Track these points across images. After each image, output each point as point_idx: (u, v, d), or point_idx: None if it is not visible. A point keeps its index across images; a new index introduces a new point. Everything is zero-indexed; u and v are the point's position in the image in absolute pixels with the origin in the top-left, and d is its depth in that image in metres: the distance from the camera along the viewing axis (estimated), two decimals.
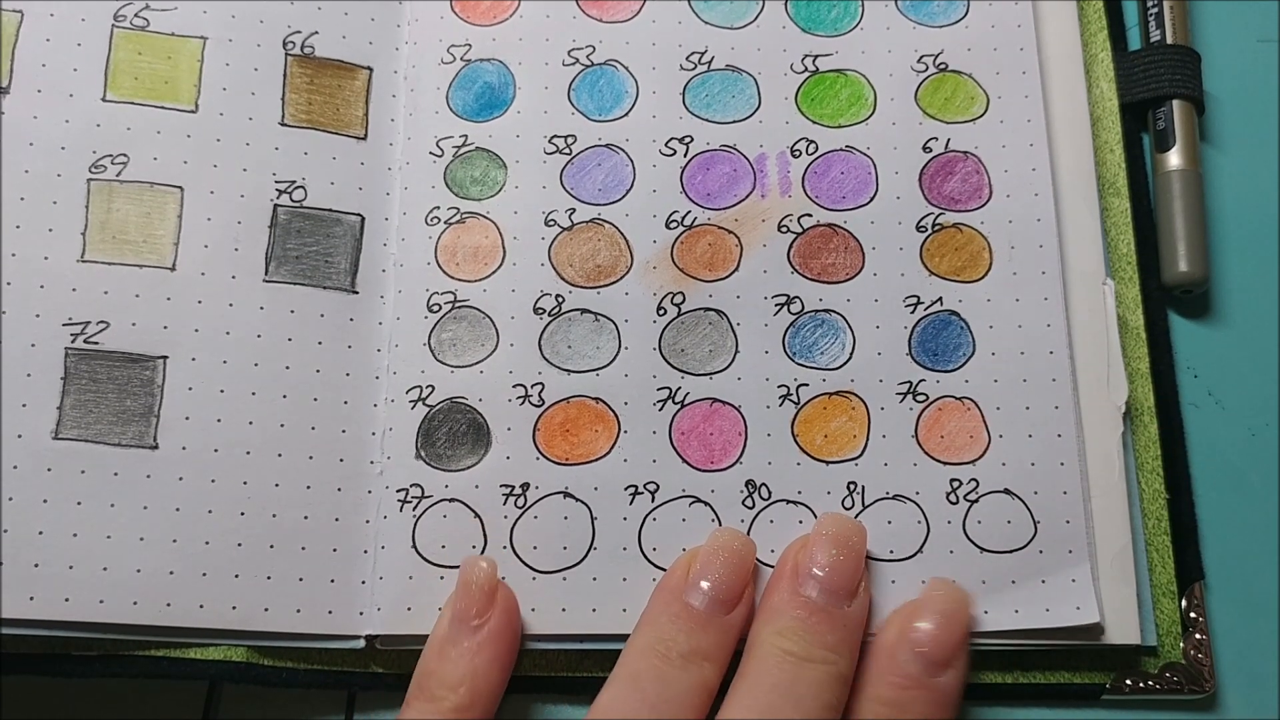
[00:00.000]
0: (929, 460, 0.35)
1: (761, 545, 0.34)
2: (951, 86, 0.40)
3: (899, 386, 0.36)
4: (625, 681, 0.31)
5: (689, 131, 0.39)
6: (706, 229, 0.38)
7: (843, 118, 0.39)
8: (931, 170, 0.39)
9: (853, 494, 0.35)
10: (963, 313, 0.37)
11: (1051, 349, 0.36)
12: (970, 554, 0.34)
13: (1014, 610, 0.33)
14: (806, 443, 0.36)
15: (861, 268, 0.37)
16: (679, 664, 0.31)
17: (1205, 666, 0.35)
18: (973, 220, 0.38)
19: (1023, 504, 0.35)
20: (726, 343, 0.37)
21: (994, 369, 0.36)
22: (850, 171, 0.39)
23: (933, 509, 0.35)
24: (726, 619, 0.32)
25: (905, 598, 0.33)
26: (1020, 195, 0.38)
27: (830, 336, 0.37)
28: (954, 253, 0.38)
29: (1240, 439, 0.38)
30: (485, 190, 0.39)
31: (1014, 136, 0.39)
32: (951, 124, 0.39)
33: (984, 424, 0.36)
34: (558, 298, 0.37)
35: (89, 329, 0.35)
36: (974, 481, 0.35)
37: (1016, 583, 0.34)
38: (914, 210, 0.38)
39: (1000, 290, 0.37)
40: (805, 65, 0.40)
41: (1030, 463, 0.35)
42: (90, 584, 0.33)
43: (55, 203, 0.36)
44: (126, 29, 0.38)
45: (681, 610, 0.32)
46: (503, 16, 0.41)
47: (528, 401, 0.36)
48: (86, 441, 0.34)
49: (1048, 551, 0.34)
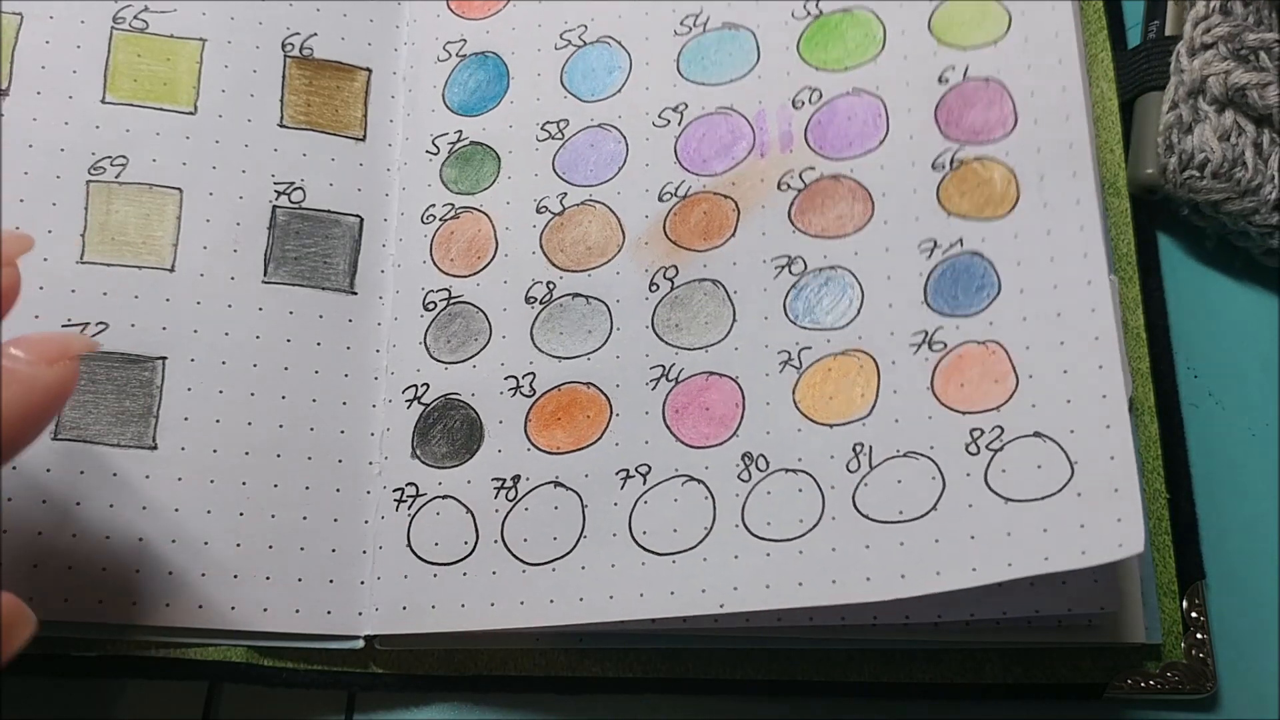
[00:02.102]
0: (946, 411, 0.33)
1: (758, 517, 0.33)
2: (970, 7, 0.37)
3: (913, 338, 0.34)
4: None
5: (683, 99, 0.38)
6: (701, 197, 0.37)
7: (849, 60, 0.38)
8: (949, 103, 0.36)
9: (858, 455, 0.33)
10: (986, 252, 0.34)
11: (1090, 278, 0.33)
12: (992, 506, 0.31)
13: (1044, 558, 0.30)
14: (808, 408, 0.34)
15: (870, 217, 0.36)
16: None
17: (1206, 666, 0.35)
18: (996, 153, 0.35)
19: (1057, 445, 0.32)
20: (723, 313, 0.36)
21: (1023, 307, 0.33)
22: (857, 116, 0.37)
23: (949, 463, 0.32)
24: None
25: (915, 562, 0.31)
26: (1049, 120, 0.35)
27: (836, 294, 0.35)
28: (975, 189, 0.35)
29: (1240, 439, 0.38)
30: (479, 183, 0.39)
31: (1040, 55, 0.36)
32: (970, 50, 0.37)
33: (1011, 366, 0.33)
34: (549, 285, 0.37)
35: (88, 330, 0.35)
36: (998, 429, 0.32)
37: (1049, 530, 0.31)
38: (929, 148, 0.36)
39: (1029, 225, 0.34)
40: (807, 10, 0.38)
41: (1066, 400, 0.32)
42: (89, 584, 0.33)
43: (54, 204, 0.36)
44: (126, 31, 0.38)
45: None
46: (497, 9, 0.41)
47: (519, 393, 0.36)
48: (86, 442, 0.34)
49: (1088, 493, 0.31)
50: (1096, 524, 0.30)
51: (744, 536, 0.33)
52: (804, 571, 0.32)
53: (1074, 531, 0.30)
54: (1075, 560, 0.30)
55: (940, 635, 0.34)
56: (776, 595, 0.32)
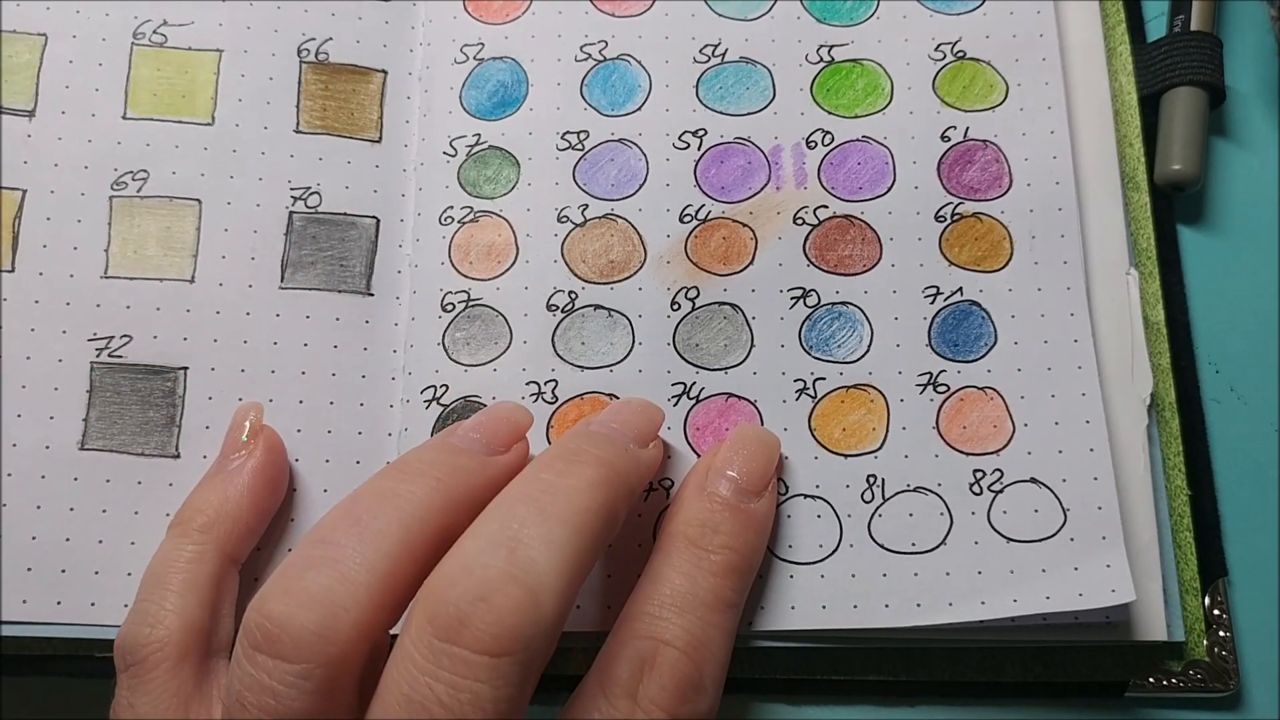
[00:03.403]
0: (951, 451, 0.35)
1: (780, 540, 0.34)
2: (970, 74, 0.39)
3: (919, 378, 0.36)
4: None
5: (702, 125, 0.39)
6: (721, 222, 0.38)
7: (859, 108, 0.39)
8: (950, 159, 0.38)
9: (872, 487, 0.35)
10: (984, 303, 0.36)
11: (1076, 337, 0.36)
12: (996, 544, 0.34)
13: (1045, 597, 0.33)
14: (824, 436, 0.35)
15: (879, 259, 0.37)
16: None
17: (1229, 664, 0.34)
18: (993, 210, 0.37)
19: (1050, 492, 0.34)
20: (741, 337, 0.37)
21: (1017, 358, 0.36)
22: (867, 162, 0.38)
23: (955, 500, 0.34)
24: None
25: (929, 592, 0.33)
26: (1041, 184, 0.38)
27: (848, 329, 0.36)
28: (974, 242, 0.37)
29: (1263, 434, 0.37)
30: (498, 188, 0.39)
31: (1034, 124, 0.38)
32: (970, 112, 0.39)
33: (1008, 413, 0.35)
34: (571, 294, 0.37)
35: (113, 343, 0.36)
36: (998, 472, 0.34)
37: (1047, 571, 0.33)
38: (933, 200, 0.38)
39: (1022, 280, 0.37)
40: (820, 55, 0.40)
41: (1058, 450, 0.34)
42: (115, 589, 0.34)
43: (79, 221, 0.37)
44: (145, 46, 0.39)
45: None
46: (515, 14, 0.41)
47: (541, 399, 0.36)
48: (111, 451, 0.35)
49: (1080, 539, 0.33)
50: (1088, 569, 0.33)
51: (767, 557, 0.34)
52: (827, 595, 0.34)
53: (1069, 574, 0.33)
54: (1073, 602, 0.33)
55: (959, 634, 0.34)
56: (801, 616, 0.33)
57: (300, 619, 0.26)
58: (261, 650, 0.26)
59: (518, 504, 0.28)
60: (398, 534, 0.28)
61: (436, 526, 0.28)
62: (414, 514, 0.28)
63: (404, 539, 0.28)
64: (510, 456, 0.32)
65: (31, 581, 0.34)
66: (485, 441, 0.31)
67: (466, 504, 0.29)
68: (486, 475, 0.30)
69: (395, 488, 0.29)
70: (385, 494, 0.29)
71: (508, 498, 0.28)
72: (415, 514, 0.28)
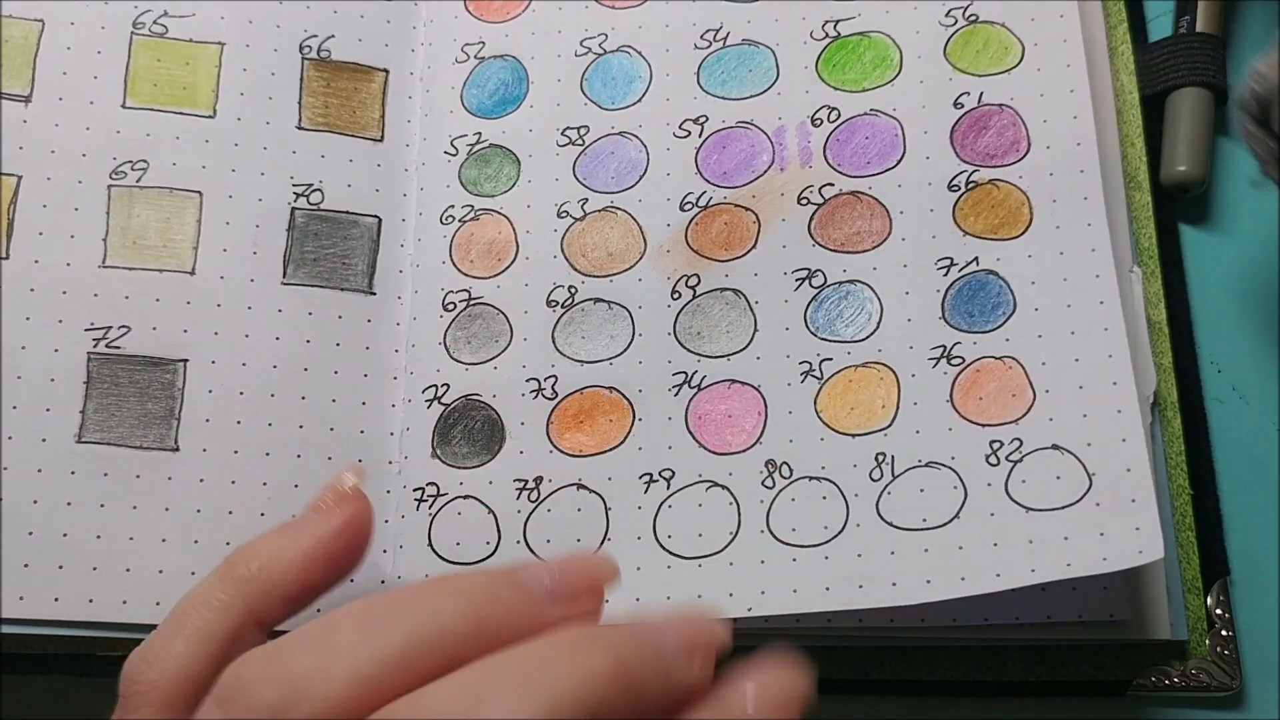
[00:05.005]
0: (966, 424, 0.34)
1: (783, 523, 0.33)
2: (983, 38, 0.38)
3: (931, 352, 0.35)
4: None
5: (704, 111, 0.39)
6: (722, 208, 0.37)
7: (866, 81, 0.38)
8: (964, 126, 0.37)
9: (881, 464, 0.34)
10: (1001, 271, 0.35)
11: (1102, 299, 0.34)
12: (1014, 514, 0.32)
13: (1066, 564, 0.31)
14: (830, 417, 0.35)
15: (889, 233, 0.36)
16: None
17: (1231, 663, 0.34)
18: (1009, 175, 0.36)
19: (1075, 458, 0.33)
20: (744, 322, 0.36)
21: (1038, 325, 0.34)
22: (875, 135, 0.38)
23: (970, 473, 0.33)
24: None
25: (940, 568, 0.32)
26: (1061, 145, 0.36)
27: (855, 307, 0.36)
28: (990, 210, 0.36)
29: (1265, 433, 0.37)
30: (499, 186, 0.39)
31: (1052, 84, 0.37)
32: (984, 77, 0.38)
33: (1028, 381, 0.34)
34: (570, 289, 0.37)
35: (111, 334, 0.35)
36: (1017, 441, 0.33)
37: (1070, 538, 0.31)
38: (945, 170, 0.37)
39: (1042, 246, 0.35)
40: (826, 31, 0.39)
41: (1082, 414, 0.33)
42: (113, 585, 0.33)
43: (77, 209, 0.36)
44: (145, 36, 0.39)
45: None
46: (515, 13, 0.41)
47: (541, 395, 0.36)
48: (109, 444, 0.34)
49: (1105, 503, 0.32)
50: (1116, 532, 0.31)
51: (769, 542, 0.33)
52: (831, 576, 0.33)
53: (1094, 540, 0.31)
54: (1096, 566, 0.31)
55: (962, 633, 0.33)
56: (804, 599, 0.33)
57: (261, 690, 0.25)
58: (220, 705, 0.26)
59: (504, 666, 0.26)
60: (400, 644, 0.27)
61: (450, 652, 0.27)
62: (429, 630, 0.27)
63: (405, 651, 0.27)
64: (571, 609, 0.28)
65: (29, 578, 0.33)
66: (550, 585, 0.29)
67: (498, 641, 0.27)
68: (533, 617, 0.28)
69: (425, 597, 0.28)
70: (412, 601, 0.28)
71: (506, 654, 0.26)
72: (430, 630, 0.27)
